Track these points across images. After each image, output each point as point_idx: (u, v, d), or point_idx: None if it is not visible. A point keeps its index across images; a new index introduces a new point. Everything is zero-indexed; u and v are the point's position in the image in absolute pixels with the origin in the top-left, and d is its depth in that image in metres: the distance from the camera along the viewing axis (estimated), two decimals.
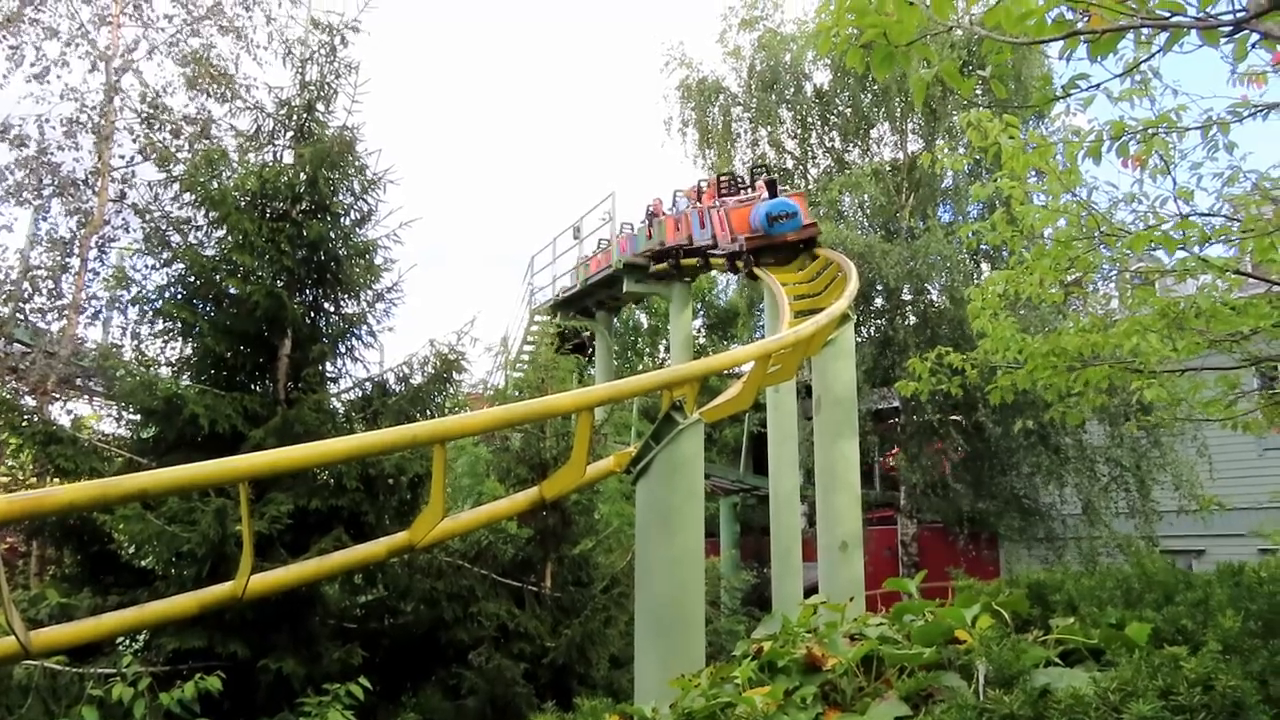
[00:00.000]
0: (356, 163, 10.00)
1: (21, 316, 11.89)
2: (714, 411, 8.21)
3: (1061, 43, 3.56)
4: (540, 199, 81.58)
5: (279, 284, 9.07)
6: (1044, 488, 19.71)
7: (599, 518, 11.64)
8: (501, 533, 9.59)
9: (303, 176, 9.58)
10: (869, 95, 22.18)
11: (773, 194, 16.31)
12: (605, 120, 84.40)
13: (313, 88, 10.01)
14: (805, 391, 16.40)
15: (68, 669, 7.57)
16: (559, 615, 9.63)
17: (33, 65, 13.49)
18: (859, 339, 20.47)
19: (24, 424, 8.01)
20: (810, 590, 11.98)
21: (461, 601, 9.23)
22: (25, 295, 12.14)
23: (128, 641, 8.20)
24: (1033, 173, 7.17)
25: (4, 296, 11.87)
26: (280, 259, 9.13)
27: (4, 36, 13.40)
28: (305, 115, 9.94)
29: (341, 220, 9.73)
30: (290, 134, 9.99)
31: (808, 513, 19.61)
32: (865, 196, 21.60)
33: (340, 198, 9.79)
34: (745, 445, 24.25)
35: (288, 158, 9.97)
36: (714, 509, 23.03)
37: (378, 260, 9.82)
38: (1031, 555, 20.32)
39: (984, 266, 20.70)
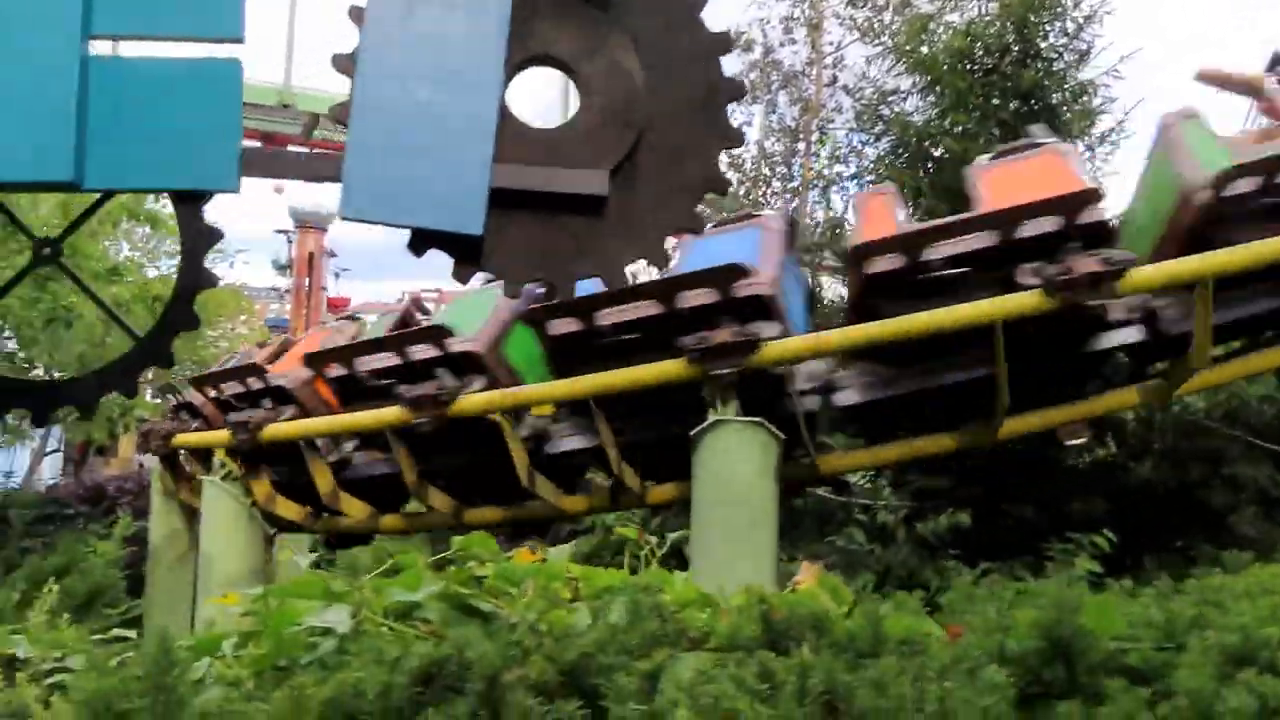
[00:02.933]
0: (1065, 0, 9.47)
1: (762, 200, 13.87)
2: None
3: None
4: None
5: (993, 138, 9.05)
6: None
7: None
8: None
9: (1009, 26, 9.37)
10: None
11: None
12: None
13: None
14: None
15: (833, 497, 8.75)
16: None
17: None
18: None
19: None
20: None
21: (1209, 462, 8.51)
22: (765, 180, 14.21)
23: (872, 477, 9.13)
24: None
25: (749, 184, 13.98)
26: (993, 113, 9.11)
27: None
28: None
29: (1053, 65, 9.33)
30: None
31: None
32: None
33: (1051, 41, 9.40)
34: None
35: (992, 9, 9.83)
36: None
37: (1095, 102, 9.25)
38: None
39: None
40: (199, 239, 1.97)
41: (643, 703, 1.78)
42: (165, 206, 16.01)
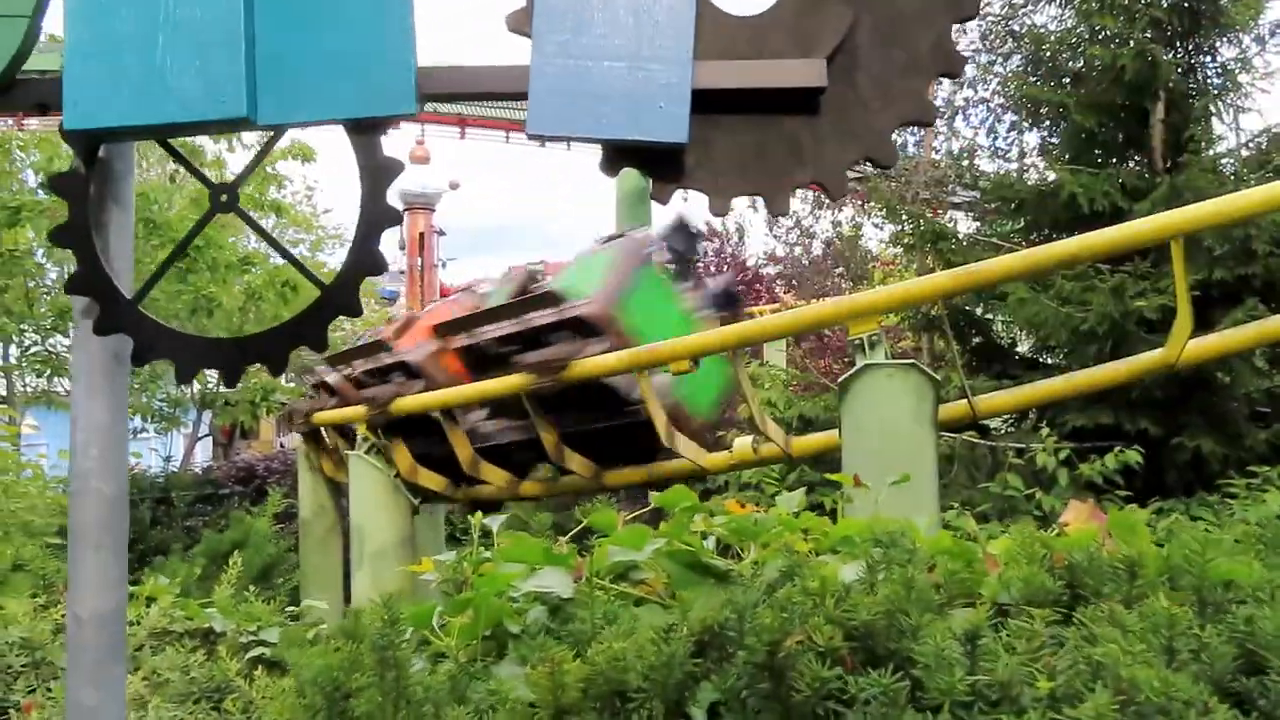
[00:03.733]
0: None
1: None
2: None
3: None
4: None
5: (1146, 41, 8.30)
6: None
7: None
8: None
9: None
10: None
11: None
12: None
13: None
14: None
15: (981, 442, 8.27)
16: None
17: None
18: None
19: (918, 224, 8.82)
20: None
21: None
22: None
23: (1019, 419, 8.61)
24: None
25: None
26: (1145, 12, 8.34)
27: None
28: None
29: None
30: None
31: None
32: None
33: None
34: None
35: None
36: None
37: None
38: None
39: None
40: (378, 173, 1.74)
41: (971, 671, 1.51)
42: (286, 195, 16.39)
